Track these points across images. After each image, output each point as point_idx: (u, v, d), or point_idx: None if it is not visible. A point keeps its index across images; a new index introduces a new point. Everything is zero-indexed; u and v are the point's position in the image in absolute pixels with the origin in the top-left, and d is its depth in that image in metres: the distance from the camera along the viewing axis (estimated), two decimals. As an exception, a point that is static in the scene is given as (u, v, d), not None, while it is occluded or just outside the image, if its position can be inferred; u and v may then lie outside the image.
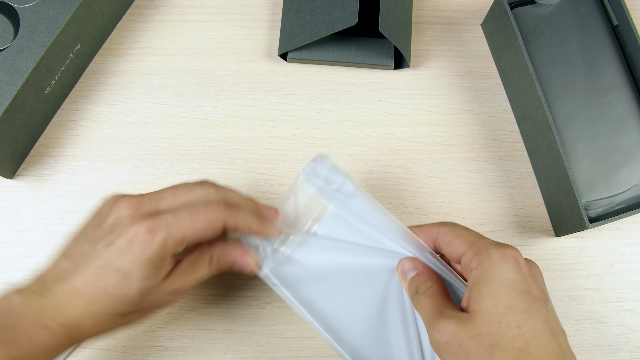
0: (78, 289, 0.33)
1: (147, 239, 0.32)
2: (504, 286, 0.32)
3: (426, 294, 0.36)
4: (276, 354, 0.48)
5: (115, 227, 0.33)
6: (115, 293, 0.33)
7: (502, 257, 0.33)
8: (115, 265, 0.32)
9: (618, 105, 0.50)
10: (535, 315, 0.32)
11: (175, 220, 0.33)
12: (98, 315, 0.33)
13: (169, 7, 0.56)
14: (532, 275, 0.34)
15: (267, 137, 0.53)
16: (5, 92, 0.45)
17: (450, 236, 0.36)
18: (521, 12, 0.52)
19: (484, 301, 0.32)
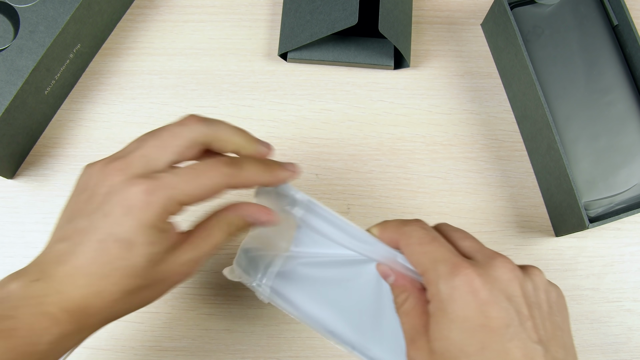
0: (80, 269, 0.29)
1: (146, 200, 0.29)
2: (455, 327, 0.30)
3: (402, 310, 0.34)
4: (276, 354, 0.48)
5: (110, 195, 0.30)
6: (120, 266, 0.29)
7: (450, 292, 0.30)
8: (115, 235, 0.29)
9: (618, 105, 0.50)
10: (491, 353, 0.29)
11: (177, 179, 0.30)
12: (106, 294, 0.30)
13: (169, 7, 0.56)
14: (492, 298, 0.30)
15: (267, 137, 0.53)
16: (5, 92, 0.45)
17: (407, 252, 0.34)
18: (521, 12, 0.52)
19: (438, 342, 0.30)
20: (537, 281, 0.33)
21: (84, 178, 0.33)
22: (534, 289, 0.32)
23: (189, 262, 0.32)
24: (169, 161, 0.31)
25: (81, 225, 0.30)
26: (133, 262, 0.30)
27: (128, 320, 0.48)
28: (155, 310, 0.48)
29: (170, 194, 0.30)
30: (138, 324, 0.48)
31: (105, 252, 0.29)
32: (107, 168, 0.31)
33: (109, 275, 0.30)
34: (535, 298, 0.32)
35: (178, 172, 0.31)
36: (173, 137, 0.32)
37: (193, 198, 0.31)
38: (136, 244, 0.29)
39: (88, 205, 0.31)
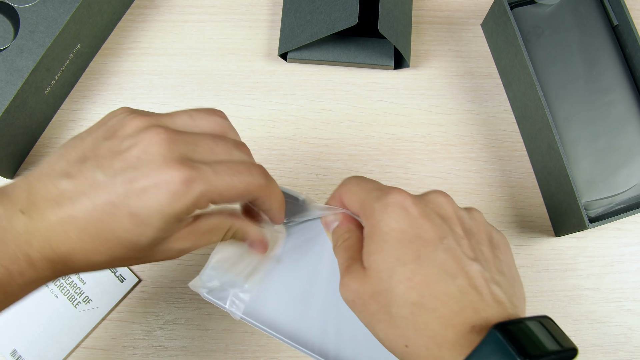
0: (77, 222, 0.27)
1: (181, 190, 0.27)
2: (390, 238, 0.30)
3: (343, 245, 0.33)
4: (276, 354, 0.48)
5: (142, 162, 0.27)
6: (123, 237, 0.28)
7: (384, 208, 0.30)
8: (132, 207, 0.27)
9: (618, 105, 0.50)
10: (427, 262, 0.29)
11: (216, 177, 0.28)
12: (95, 254, 0.28)
13: (169, 7, 0.56)
14: (426, 214, 0.30)
15: (267, 137, 0.53)
16: (5, 92, 0.45)
17: (346, 197, 0.34)
18: (521, 12, 0.52)
19: (373, 256, 0.30)
20: (476, 216, 0.33)
21: (117, 120, 0.30)
22: (471, 219, 0.32)
23: (184, 250, 0.32)
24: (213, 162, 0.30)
25: (97, 176, 0.27)
26: (137, 240, 0.28)
27: (128, 320, 0.48)
28: (155, 310, 0.48)
29: (206, 190, 0.28)
30: (138, 324, 0.48)
31: (112, 218, 0.27)
32: (151, 130, 0.28)
33: (106, 239, 0.28)
34: (471, 226, 0.32)
35: (217, 169, 0.29)
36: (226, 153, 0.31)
37: (224, 199, 0.30)
38: (150, 226, 0.28)
39: (111, 155, 0.28)
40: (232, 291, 0.37)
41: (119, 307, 0.48)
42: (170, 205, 0.27)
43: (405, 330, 0.28)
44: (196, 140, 0.29)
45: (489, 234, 0.32)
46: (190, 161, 0.28)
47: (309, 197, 0.37)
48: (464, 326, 0.27)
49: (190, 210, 0.28)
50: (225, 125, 0.32)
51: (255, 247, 0.36)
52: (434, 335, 0.27)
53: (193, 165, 0.28)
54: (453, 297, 0.28)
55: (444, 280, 0.28)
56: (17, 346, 0.47)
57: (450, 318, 0.28)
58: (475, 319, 0.27)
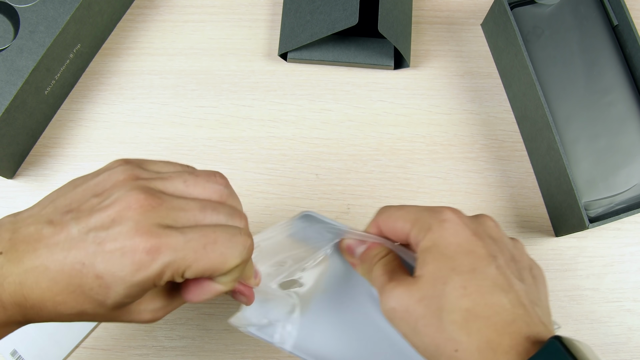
0: (50, 273, 0.27)
1: (143, 261, 0.26)
2: (447, 250, 0.31)
3: (380, 262, 0.34)
4: (276, 354, 0.48)
5: (114, 224, 0.27)
6: (89, 295, 0.27)
7: (441, 224, 0.32)
8: (98, 270, 0.27)
9: (618, 106, 0.50)
10: (481, 275, 0.30)
11: (185, 244, 0.27)
12: (63, 307, 0.28)
13: (169, 7, 0.56)
14: (479, 233, 0.32)
15: (267, 137, 0.53)
16: (5, 92, 0.45)
17: (390, 222, 0.35)
18: (521, 12, 0.52)
19: (428, 266, 0.31)
20: (519, 246, 0.35)
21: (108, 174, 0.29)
22: (514, 248, 0.34)
23: (157, 312, 0.31)
24: None
25: (72, 230, 0.27)
26: (101, 299, 0.27)
27: (128, 320, 0.48)
28: (155, 310, 0.48)
29: (171, 261, 0.27)
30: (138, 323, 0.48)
31: (79, 274, 0.27)
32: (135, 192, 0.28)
33: (75, 293, 0.27)
34: (514, 254, 0.33)
35: (189, 234, 0.27)
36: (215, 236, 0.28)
37: (194, 273, 0.28)
38: (113, 290, 0.27)
39: (90, 211, 0.28)
40: (279, 324, 0.37)
41: (119, 307, 0.48)
42: (133, 274, 0.26)
43: (455, 335, 0.29)
44: (180, 211, 0.28)
45: (529, 264, 0.34)
46: (162, 229, 0.27)
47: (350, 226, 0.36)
48: (519, 335, 0.28)
49: (154, 282, 0.27)
50: (224, 193, 0.30)
51: (239, 298, 0.34)
52: (488, 340, 0.29)
53: (162, 233, 0.27)
54: (506, 309, 0.29)
55: (497, 292, 0.30)
56: (17, 346, 0.47)
57: (505, 327, 0.29)
58: (528, 331, 0.29)
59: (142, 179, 0.29)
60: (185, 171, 0.31)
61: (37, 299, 0.27)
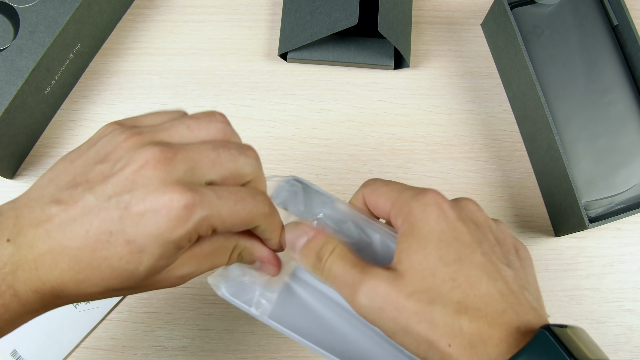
0: (69, 250, 0.25)
1: (182, 215, 0.25)
2: (431, 238, 0.30)
3: (333, 256, 0.31)
4: (276, 354, 0.48)
5: (137, 185, 0.25)
6: (118, 266, 0.26)
7: (423, 207, 0.30)
8: (129, 234, 0.25)
9: (618, 105, 0.50)
10: (468, 264, 0.29)
11: (219, 202, 0.27)
12: (87, 285, 0.26)
13: (169, 7, 0.56)
14: (462, 218, 0.31)
15: (267, 137, 0.53)
16: (5, 92, 0.45)
17: (373, 197, 0.33)
18: (521, 12, 0.52)
19: (414, 255, 0.29)
20: (502, 227, 0.33)
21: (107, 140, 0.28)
22: (498, 230, 0.33)
23: (186, 277, 0.30)
24: (211, 180, 0.28)
25: (88, 201, 0.25)
26: (132, 268, 0.26)
27: (128, 320, 0.48)
28: (155, 310, 0.48)
29: (208, 216, 0.26)
30: (138, 324, 0.48)
31: (107, 246, 0.25)
32: (146, 149, 0.26)
33: (101, 269, 0.26)
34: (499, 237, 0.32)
35: (220, 194, 0.27)
36: (232, 161, 0.29)
37: (226, 226, 0.28)
38: (146, 253, 0.26)
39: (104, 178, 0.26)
40: (257, 291, 0.34)
41: (119, 307, 0.48)
42: (170, 231, 0.25)
43: (448, 329, 0.28)
44: (196, 156, 0.27)
45: (515, 245, 0.33)
46: (191, 183, 0.26)
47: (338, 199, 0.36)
48: (509, 326, 0.28)
49: (191, 237, 0.27)
50: (227, 130, 0.30)
51: (266, 268, 0.33)
52: (479, 333, 0.28)
53: (195, 188, 0.26)
54: (495, 299, 0.28)
55: (485, 282, 0.29)
56: (17, 346, 0.47)
57: (496, 318, 0.28)
58: (518, 321, 0.28)
59: (145, 133, 0.28)
60: (184, 116, 0.30)
61: (57, 281, 0.26)
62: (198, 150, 0.28)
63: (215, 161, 0.28)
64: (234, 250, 0.31)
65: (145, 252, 0.26)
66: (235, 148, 0.29)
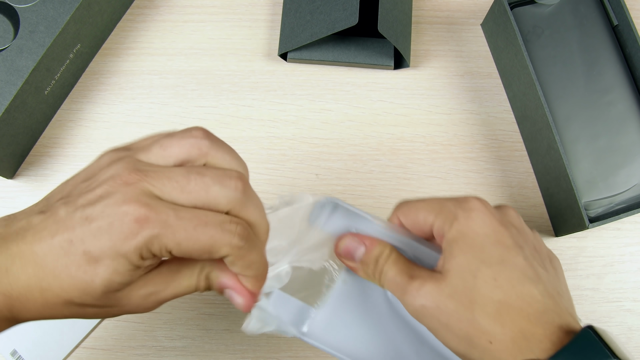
0: (36, 257, 0.26)
1: (132, 229, 0.26)
2: (475, 242, 0.31)
3: (389, 262, 0.33)
4: (276, 354, 0.48)
5: (102, 200, 0.27)
6: (76, 276, 0.26)
7: (467, 214, 0.32)
8: (86, 244, 0.26)
9: (618, 105, 0.50)
10: (511, 266, 0.30)
11: (176, 221, 0.27)
12: (50, 294, 0.27)
13: (169, 7, 0.56)
14: (504, 223, 0.32)
15: (267, 137, 0.53)
16: (5, 92, 0.45)
17: (411, 215, 0.34)
18: (521, 12, 0.52)
19: (456, 259, 0.31)
20: (538, 237, 0.35)
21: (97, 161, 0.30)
22: (534, 238, 0.34)
23: (148, 296, 0.29)
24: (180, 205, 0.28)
25: (61, 213, 0.27)
26: (90, 280, 0.27)
27: (128, 320, 0.48)
28: (156, 310, 0.48)
29: (160, 234, 0.26)
30: (138, 323, 0.48)
31: (68, 254, 0.26)
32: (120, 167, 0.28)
33: (61, 278, 0.27)
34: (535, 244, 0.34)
35: (182, 214, 0.27)
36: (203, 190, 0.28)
37: (182, 250, 0.27)
38: (101, 265, 0.26)
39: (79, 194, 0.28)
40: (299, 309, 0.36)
41: (119, 307, 0.48)
42: (121, 244, 0.26)
43: (489, 326, 0.29)
44: (164, 180, 0.27)
45: (549, 254, 0.35)
46: (151, 200, 0.27)
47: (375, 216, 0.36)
48: (551, 325, 0.29)
49: (142, 254, 0.27)
50: (203, 146, 0.29)
51: (235, 299, 0.31)
52: (521, 330, 0.29)
53: (152, 205, 0.26)
54: (537, 300, 0.30)
55: (527, 283, 0.30)
56: (17, 346, 0.47)
57: (538, 317, 0.29)
58: (560, 321, 0.29)
59: (125, 157, 0.29)
60: (161, 135, 0.30)
61: (23, 286, 0.27)
62: (169, 174, 0.28)
63: (184, 188, 0.28)
64: (200, 273, 0.30)
65: (100, 264, 0.26)
66: (210, 176, 0.28)
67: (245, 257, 0.29)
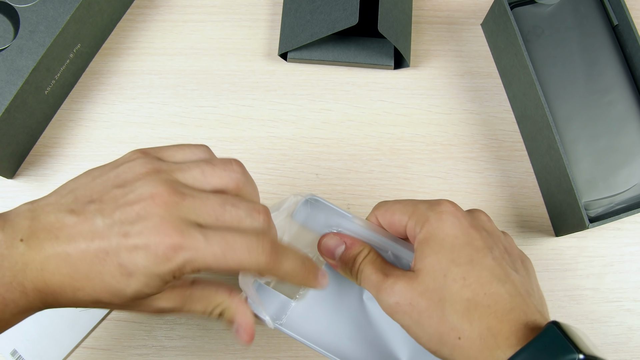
0: (71, 259, 0.28)
1: (166, 255, 0.28)
2: (445, 242, 0.33)
3: (365, 261, 0.35)
4: (276, 354, 0.48)
5: (140, 219, 0.28)
6: (109, 283, 0.28)
7: (439, 216, 0.33)
8: (122, 259, 0.28)
9: (618, 105, 0.50)
10: (479, 266, 0.32)
11: (206, 248, 0.28)
12: (81, 294, 0.29)
13: (169, 7, 0.56)
14: (475, 225, 0.34)
15: (267, 137, 0.53)
16: (5, 92, 0.45)
17: (387, 215, 0.36)
18: (521, 12, 0.52)
19: (428, 258, 0.32)
20: (509, 239, 0.37)
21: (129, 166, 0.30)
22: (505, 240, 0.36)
23: (166, 310, 0.32)
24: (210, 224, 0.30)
25: (97, 220, 0.28)
26: (122, 288, 0.29)
27: (128, 320, 0.48)
28: (155, 310, 0.48)
29: (191, 259, 0.28)
30: (138, 323, 0.48)
31: (102, 264, 0.28)
32: (159, 187, 0.29)
33: (94, 282, 0.28)
34: (506, 246, 0.35)
35: (212, 239, 0.29)
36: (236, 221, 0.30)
37: (212, 270, 0.29)
38: (134, 278, 0.28)
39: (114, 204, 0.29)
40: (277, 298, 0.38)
41: (119, 307, 0.48)
42: (155, 267, 0.28)
43: (458, 323, 0.31)
44: (201, 206, 0.29)
45: (520, 256, 0.36)
46: (187, 227, 0.28)
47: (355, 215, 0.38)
48: (517, 322, 0.30)
49: (174, 275, 0.29)
50: (240, 182, 0.32)
51: (239, 335, 0.34)
52: (489, 327, 0.30)
53: (186, 231, 0.28)
54: (504, 298, 0.31)
55: (495, 283, 0.31)
56: (17, 346, 0.47)
57: (505, 314, 0.30)
58: (526, 319, 0.30)
59: (163, 171, 0.30)
60: (202, 160, 0.32)
61: (58, 285, 0.28)
62: (206, 201, 0.30)
63: (219, 217, 0.30)
64: (218, 305, 0.34)
65: (133, 277, 0.28)
66: (244, 209, 0.31)
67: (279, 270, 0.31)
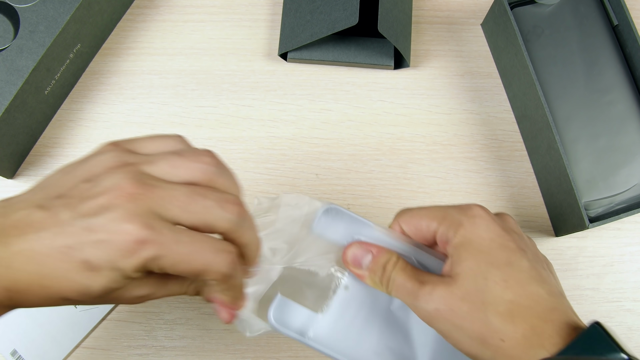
0: (37, 257, 0.27)
1: (131, 248, 0.27)
2: (482, 246, 0.33)
3: (396, 269, 0.34)
4: (276, 354, 0.48)
5: (104, 212, 0.27)
6: (74, 279, 0.27)
7: (472, 220, 0.34)
8: (86, 254, 0.27)
9: (618, 105, 0.50)
10: (517, 267, 0.32)
11: (174, 247, 0.28)
12: (49, 291, 0.28)
13: (169, 7, 0.56)
14: (506, 228, 0.34)
15: (267, 137, 0.53)
16: (5, 92, 0.45)
17: (414, 222, 0.36)
18: (521, 12, 0.52)
19: (465, 262, 0.32)
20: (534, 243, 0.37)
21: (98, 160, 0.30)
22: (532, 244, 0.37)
23: (144, 298, 0.31)
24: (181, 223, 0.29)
25: (62, 215, 0.28)
26: (87, 284, 0.28)
27: (128, 320, 0.48)
28: (155, 310, 0.48)
29: (156, 256, 0.27)
30: (138, 324, 0.48)
31: (68, 260, 0.27)
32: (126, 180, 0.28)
33: (61, 279, 0.28)
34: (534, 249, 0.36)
35: (180, 238, 0.28)
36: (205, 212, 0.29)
37: (176, 270, 0.28)
38: (100, 274, 0.27)
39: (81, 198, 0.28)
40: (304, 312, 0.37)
41: (119, 307, 0.48)
42: (120, 260, 0.27)
43: (501, 325, 0.31)
44: (168, 197, 0.28)
45: (545, 259, 0.37)
46: (153, 220, 0.27)
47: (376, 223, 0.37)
48: (559, 322, 0.31)
49: (139, 269, 0.28)
50: (211, 173, 0.30)
51: (220, 314, 0.33)
52: (532, 327, 0.30)
53: (153, 226, 0.27)
54: (544, 299, 0.31)
55: (534, 284, 0.32)
56: (17, 346, 0.47)
57: (547, 314, 0.31)
58: (567, 318, 0.31)
59: (131, 164, 0.29)
60: (172, 151, 0.31)
61: (24, 283, 0.28)
62: (173, 192, 0.29)
63: (186, 208, 0.29)
64: (190, 284, 0.33)
65: (97, 273, 0.27)
66: (214, 199, 0.29)
67: (229, 286, 0.31)
